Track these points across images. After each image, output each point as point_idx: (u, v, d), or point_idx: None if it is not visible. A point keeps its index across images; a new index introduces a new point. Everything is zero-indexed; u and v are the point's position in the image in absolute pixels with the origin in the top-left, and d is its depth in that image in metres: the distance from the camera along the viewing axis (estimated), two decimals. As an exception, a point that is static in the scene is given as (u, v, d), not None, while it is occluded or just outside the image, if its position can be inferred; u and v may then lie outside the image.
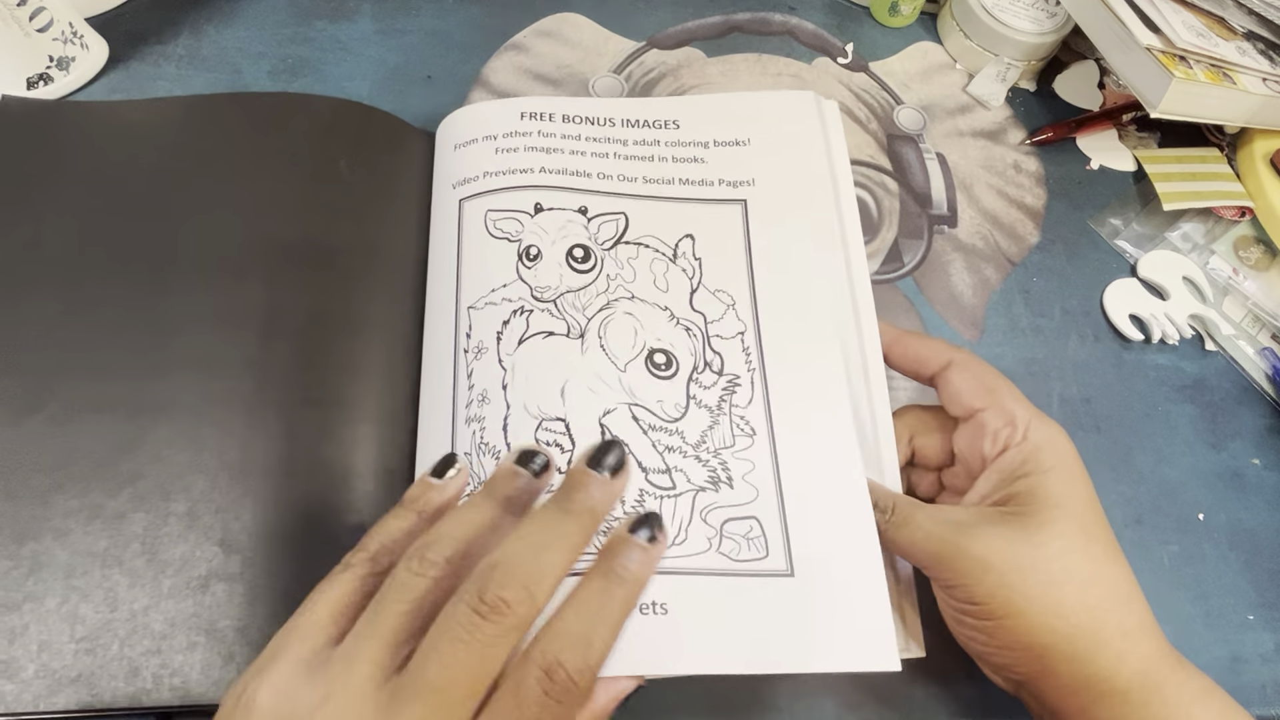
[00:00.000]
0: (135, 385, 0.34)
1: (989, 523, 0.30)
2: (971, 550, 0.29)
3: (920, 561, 0.31)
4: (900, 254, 0.45)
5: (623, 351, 0.36)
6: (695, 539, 0.32)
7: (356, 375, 0.36)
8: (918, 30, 0.53)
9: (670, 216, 0.39)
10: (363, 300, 0.37)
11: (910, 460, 0.36)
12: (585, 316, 0.36)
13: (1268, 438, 0.42)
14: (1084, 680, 0.29)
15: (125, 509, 0.32)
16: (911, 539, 0.31)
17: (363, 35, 0.49)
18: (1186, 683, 0.29)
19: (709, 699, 0.34)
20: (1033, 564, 0.29)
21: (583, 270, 0.37)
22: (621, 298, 0.37)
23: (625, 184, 0.40)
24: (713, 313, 0.37)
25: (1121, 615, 0.29)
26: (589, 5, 0.51)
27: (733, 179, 0.40)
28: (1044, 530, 0.29)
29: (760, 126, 0.42)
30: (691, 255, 0.38)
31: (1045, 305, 0.45)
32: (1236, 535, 0.40)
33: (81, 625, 0.30)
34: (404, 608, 0.24)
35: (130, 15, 0.48)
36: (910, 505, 0.31)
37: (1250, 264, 0.46)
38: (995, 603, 0.29)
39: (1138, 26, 0.44)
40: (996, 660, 0.30)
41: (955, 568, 0.29)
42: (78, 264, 0.36)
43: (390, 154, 0.41)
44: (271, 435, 0.34)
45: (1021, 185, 0.48)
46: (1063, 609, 0.29)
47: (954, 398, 0.33)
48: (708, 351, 0.36)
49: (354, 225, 0.39)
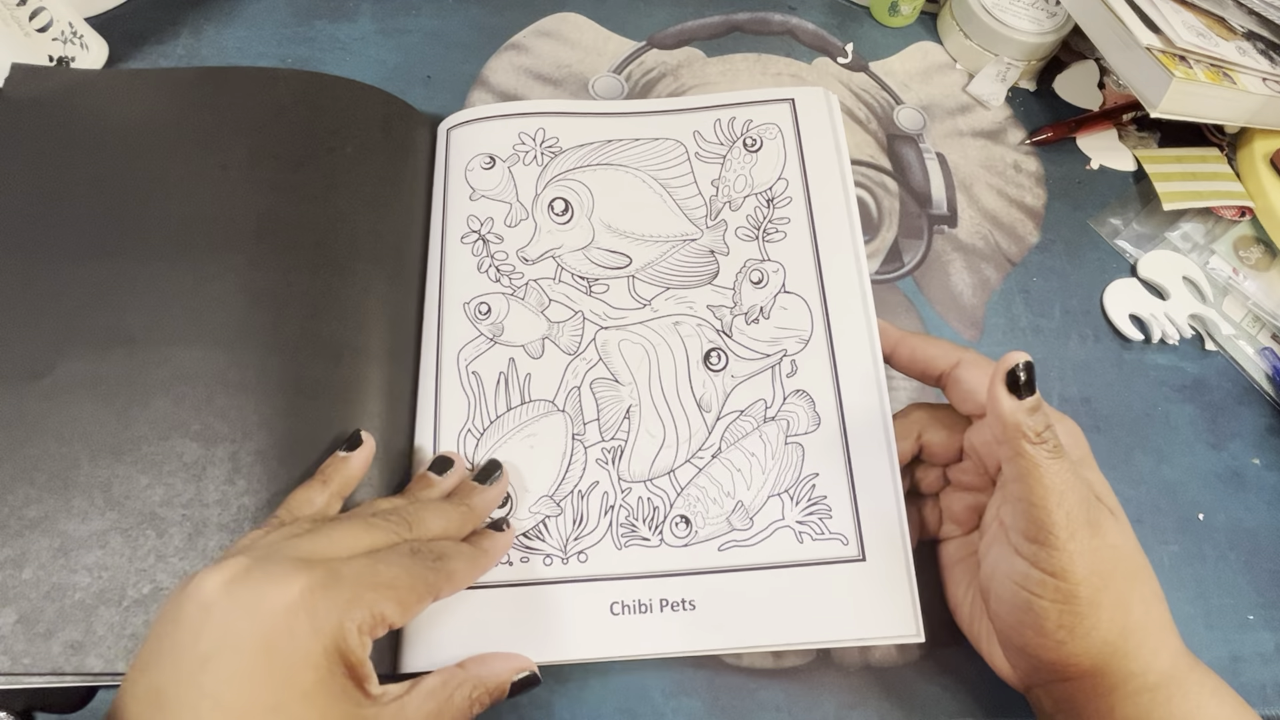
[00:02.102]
0: (137, 359, 0.34)
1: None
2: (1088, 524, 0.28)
3: (1045, 509, 0.28)
4: (900, 254, 0.45)
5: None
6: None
7: (364, 357, 0.36)
8: (918, 30, 0.53)
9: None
10: (364, 282, 0.37)
11: (917, 457, 0.36)
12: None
13: (1268, 438, 0.42)
14: (1126, 675, 0.29)
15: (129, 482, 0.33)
16: (1050, 485, 0.28)
17: (363, 35, 0.49)
18: (1204, 680, 0.29)
19: (709, 698, 0.34)
20: (1114, 554, 0.29)
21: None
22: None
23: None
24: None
25: (1160, 611, 0.29)
26: (589, 5, 0.51)
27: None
28: (1115, 521, 0.29)
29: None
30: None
31: (1045, 305, 0.45)
32: (1236, 535, 0.40)
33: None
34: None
35: (130, 15, 0.48)
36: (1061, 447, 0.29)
37: (1250, 264, 0.46)
38: (1086, 587, 0.28)
39: (1138, 26, 0.44)
40: (1051, 655, 0.29)
41: (1065, 534, 0.28)
42: (82, 235, 0.36)
43: (394, 136, 0.41)
44: (277, 411, 0.34)
45: (1021, 185, 0.48)
46: (1129, 603, 0.29)
47: (967, 396, 0.33)
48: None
49: (356, 204, 0.38)
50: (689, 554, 0.34)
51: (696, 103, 0.43)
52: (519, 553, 0.34)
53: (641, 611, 0.33)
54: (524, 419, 0.36)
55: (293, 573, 0.25)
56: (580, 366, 0.37)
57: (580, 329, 0.37)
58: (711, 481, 0.35)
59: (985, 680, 0.33)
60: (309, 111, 0.40)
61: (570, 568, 0.33)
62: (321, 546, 0.27)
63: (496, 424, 0.36)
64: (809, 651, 0.36)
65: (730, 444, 0.35)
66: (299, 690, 0.24)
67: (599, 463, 0.35)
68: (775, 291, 0.38)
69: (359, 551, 0.28)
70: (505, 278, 0.38)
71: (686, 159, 0.41)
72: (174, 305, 0.35)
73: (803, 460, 0.35)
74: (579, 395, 0.36)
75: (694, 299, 0.38)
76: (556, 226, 0.39)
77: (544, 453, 0.35)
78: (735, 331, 0.37)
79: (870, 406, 0.36)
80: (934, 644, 0.34)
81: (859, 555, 0.33)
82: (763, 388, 0.36)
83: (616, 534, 0.34)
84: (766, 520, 0.34)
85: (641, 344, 0.37)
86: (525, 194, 0.40)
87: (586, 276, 0.39)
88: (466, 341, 0.37)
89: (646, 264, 0.39)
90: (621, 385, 0.37)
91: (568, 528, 0.34)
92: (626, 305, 0.38)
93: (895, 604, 0.33)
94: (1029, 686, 0.31)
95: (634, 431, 0.36)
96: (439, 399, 0.36)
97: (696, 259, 0.39)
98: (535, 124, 0.42)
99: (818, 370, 0.37)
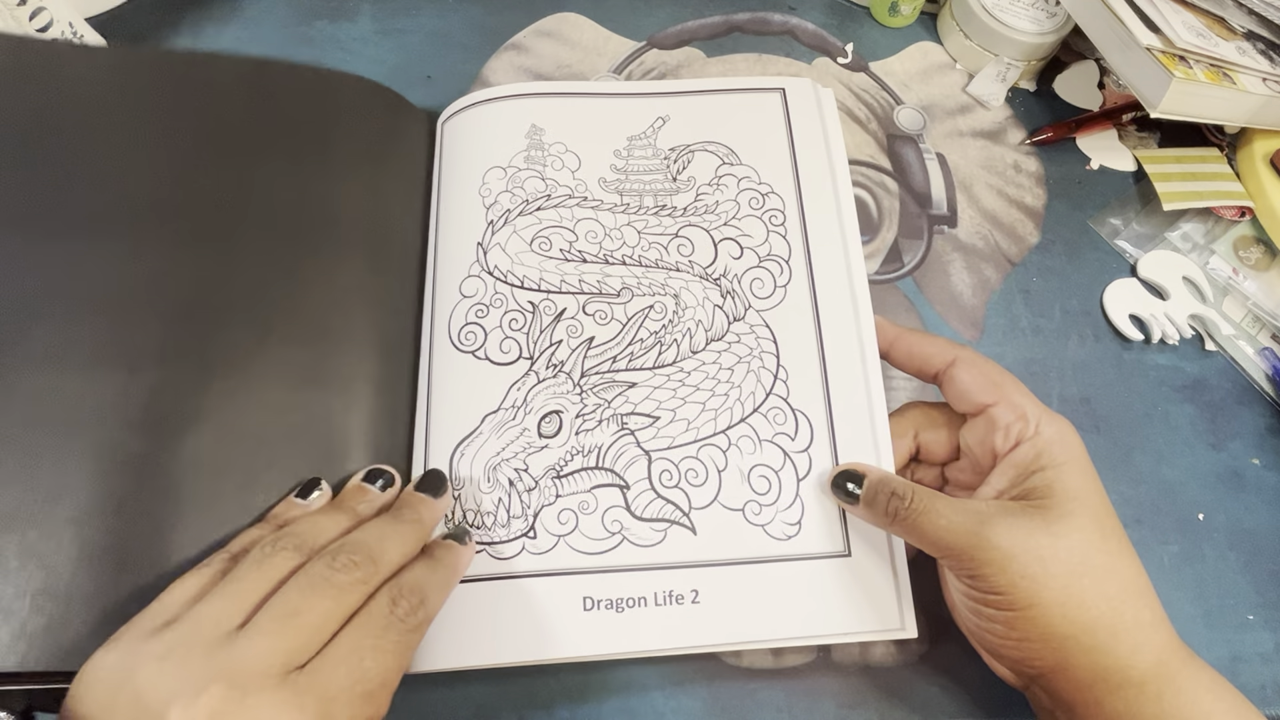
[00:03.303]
0: (138, 347, 0.34)
1: (1010, 514, 0.30)
2: (995, 541, 0.29)
3: (941, 550, 0.31)
4: (900, 254, 0.45)
5: None
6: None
7: (356, 352, 0.36)
8: (918, 30, 0.53)
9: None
10: (363, 275, 0.37)
11: (914, 456, 0.36)
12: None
13: (1268, 438, 0.42)
14: (1101, 671, 0.29)
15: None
16: (934, 526, 0.30)
17: (363, 35, 0.49)
18: (1198, 675, 0.29)
19: (709, 698, 0.34)
20: (1054, 555, 0.29)
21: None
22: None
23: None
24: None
25: (1137, 607, 0.30)
26: (589, 5, 0.51)
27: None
28: (1063, 523, 0.30)
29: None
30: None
31: (1045, 305, 0.45)
32: (1236, 535, 0.40)
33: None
34: (255, 573, 0.27)
35: (130, 15, 0.48)
36: (930, 495, 0.31)
37: (1250, 264, 0.46)
38: (1018, 593, 0.29)
39: (1138, 26, 0.44)
40: (1014, 653, 0.30)
41: (978, 558, 0.29)
42: (84, 217, 0.35)
43: (391, 129, 0.41)
44: (273, 409, 0.34)
45: (1021, 185, 0.48)
46: (1084, 600, 0.29)
47: (962, 394, 0.33)
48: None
49: (354, 197, 0.38)
50: (682, 546, 0.34)
51: (687, 86, 0.43)
52: (510, 546, 0.34)
53: (631, 607, 0.32)
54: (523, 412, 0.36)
55: (281, 712, 0.24)
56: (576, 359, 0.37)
57: (579, 325, 0.37)
58: (699, 471, 0.35)
59: (985, 680, 0.33)
60: (296, 100, 0.39)
61: (559, 560, 0.33)
62: (299, 641, 0.25)
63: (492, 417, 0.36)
64: (809, 651, 0.36)
65: (718, 433, 0.35)
66: None
67: (595, 455, 0.35)
68: (769, 286, 0.38)
69: (337, 625, 0.26)
70: (497, 269, 0.38)
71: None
72: (165, 294, 0.34)
73: (790, 456, 0.35)
74: (580, 390, 0.36)
75: (686, 289, 0.38)
76: (553, 226, 0.40)
77: (545, 446, 0.35)
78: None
79: (859, 405, 0.36)
80: (933, 644, 0.34)
81: (844, 550, 0.33)
82: (749, 379, 0.36)
83: (606, 523, 0.34)
84: (755, 514, 0.34)
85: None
86: (522, 191, 0.40)
87: (581, 267, 0.39)
88: (460, 327, 0.37)
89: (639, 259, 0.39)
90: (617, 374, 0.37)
91: (554, 517, 0.34)
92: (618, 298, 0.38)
93: (881, 599, 0.33)
94: (1026, 684, 0.31)
95: (629, 419, 0.36)
96: (431, 391, 0.36)
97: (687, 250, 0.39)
98: (525, 113, 0.42)
99: (806, 366, 0.37)
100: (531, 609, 0.32)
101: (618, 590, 0.33)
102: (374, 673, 0.26)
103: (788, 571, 0.33)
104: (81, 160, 0.36)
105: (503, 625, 0.32)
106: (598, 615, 0.32)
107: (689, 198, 0.40)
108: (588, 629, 0.32)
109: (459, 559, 0.31)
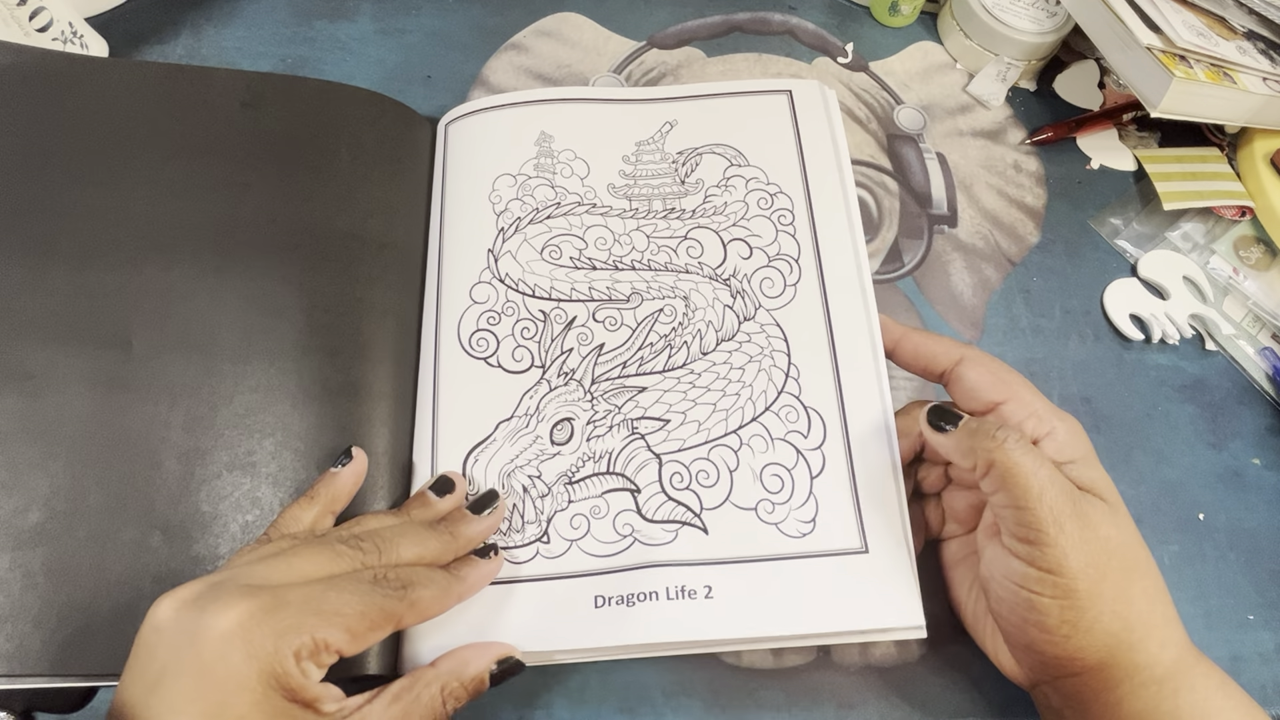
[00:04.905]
0: (150, 364, 0.34)
1: (1088, 496, 0.30)
2: (1083, 519, 0.29)
3: (1029, 501, 0.29)
4: (900, 254, 0.45)
5: None
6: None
7: (370, 360, 0.36)
8: (918, 30, 0.53)
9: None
10: (371, 286, 0.37)
11: (919, 456, 0.36)
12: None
13: (1268, 438, 0.42)
14: (1133, 668, 0.29)
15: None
16: (1037, 473, 0.29)
17: (363, 35, 0.49)
18: (1210, 673, 0.29)
19: (709, 698, 0.34)
20: (1115, 548, 0.29)
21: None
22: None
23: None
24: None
25: (1164, 604, 0.30)
26: (589, 5, 0.51)
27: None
28: (1120, 515, 0.30)
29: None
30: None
31: (1045, 305, 0.45)
32: (1236, 535, 0.40)
33: None
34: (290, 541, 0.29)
35: (130, 15, 0.48)
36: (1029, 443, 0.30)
37: (1250, 264, 0.46)
38: (1082, 580, 0.28)
39: (1138, 26, 0.44)
40: (1056, 650, 0.29)
41: (1066, 528, 0.28)
42: (88, 239, 0.36)
43: (395, 140, 0.41)
44: (300, 418, 0.34)
45: (1021, 185, 0.48)
46: (1131, 595, 0.29)
47: (970, 392, 0.33)
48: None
49: (360, 210, 0.38)
50: (694, 546, 0.33)
51: (695, 90, 0.43)
52: (524, 550, 0.34)
53: (642, 601, 0.32)
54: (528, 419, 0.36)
55: (236, 599, 0.26)
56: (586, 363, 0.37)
57: (590, 332, 0.37)
58: (710, 472, 0.35)
59: (986, 679, 0.33)
60: (304, 116, 0.40)
61: (572, 563, 0.33)
62: (278, 572, 0.27)
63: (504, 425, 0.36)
64: (809, 651, 0.36)
65: (729, 433, 0.35)
66: (234, 715, 0.24)
67: (604, 459, 0.35)
68: (779, 285, 0.38)
69: (316, 577, 0.27)
70: (508, 278, 0.38)
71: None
72: (173, 310, 0.35)
73: (802, 454, 0.35)
74: (591, 395, 0.36)
75: (696, 290, 0.38)
76: (563, 234, 0.39)
77: (558, 454, 0.35)
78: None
79: (871, 402, 0.36)
80: (934, 643, 0.34)
81: (862, 547, 0.33)
82: (760, 378, 0.36)
83: (618, 526, 0.34)
84: (768, 513, 0.34)
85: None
86: (532, 199, 0.40)
87: (591, 274, 0.39)
88: (470, 333, 0.37)
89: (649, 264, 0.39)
90: (628, 379, 0.37)
91: (566, 521, 0.34)
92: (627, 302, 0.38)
93: (900, 595, 0.32)
94: (1035, 683, 0.31)
95: (640, 424, 0.36)
96: (439, 395, 0.36)
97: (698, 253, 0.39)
98: (534, 120, 0.42)
99: (817, 363, 0.36)
100: (542, 607, 0.33)
101: (629, 586, 0.33)
102: (333, 601, 0.27)
103: (803, 568, 0.33)
104: (83, 179, 0.37)
105: (513, 623, 0.32)
106: (609, 610, 0.32)
107: (698, 200, 0.40)
108: (598, 623, 0.32)
109: (476, 571, 0.31)
